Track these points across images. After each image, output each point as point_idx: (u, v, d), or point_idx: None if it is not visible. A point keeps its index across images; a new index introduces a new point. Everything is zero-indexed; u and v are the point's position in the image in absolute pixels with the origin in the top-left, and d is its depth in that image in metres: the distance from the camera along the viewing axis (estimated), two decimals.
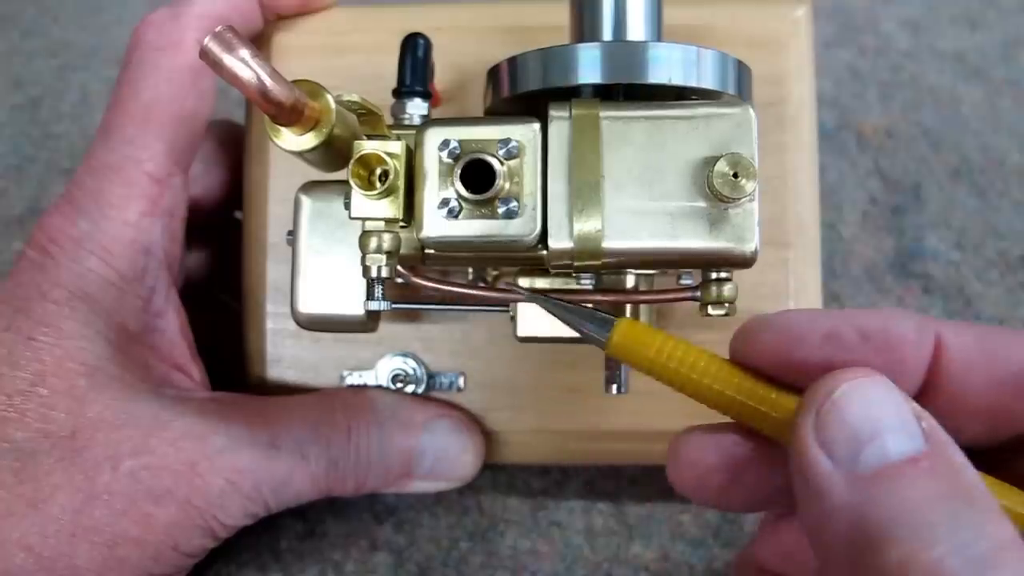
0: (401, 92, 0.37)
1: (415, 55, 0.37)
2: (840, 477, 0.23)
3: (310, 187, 0.37)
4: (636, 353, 0.29)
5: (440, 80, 0.40)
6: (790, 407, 0.27)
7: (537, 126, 0.31)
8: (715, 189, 0.29)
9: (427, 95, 0.37)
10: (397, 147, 0.31)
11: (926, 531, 0.22)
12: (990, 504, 0.23)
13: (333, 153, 0.30)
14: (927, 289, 0.49)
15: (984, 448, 0.28)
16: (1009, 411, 0.27)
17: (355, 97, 0.30)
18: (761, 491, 0.29)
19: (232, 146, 0.45)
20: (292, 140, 0.29)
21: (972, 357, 0.27)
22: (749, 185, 0.29)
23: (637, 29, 0.34)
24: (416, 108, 0.37)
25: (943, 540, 0.21)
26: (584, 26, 0.35)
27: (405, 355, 0.42)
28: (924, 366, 0.27)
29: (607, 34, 0.34)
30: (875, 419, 0.24)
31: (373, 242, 0.31)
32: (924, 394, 0.27)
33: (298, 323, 0.37)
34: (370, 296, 0.32)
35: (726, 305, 0.32)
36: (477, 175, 0.30)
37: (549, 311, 0.32)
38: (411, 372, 0.41)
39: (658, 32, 0.35)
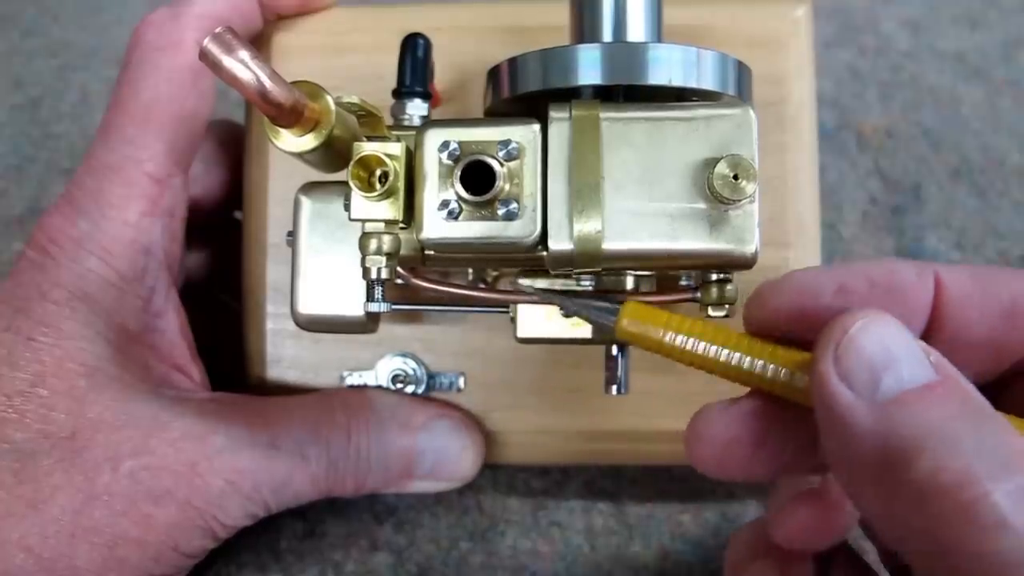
0: (401, 93, 0.37)
1: (415, 55, 0.37)
2: (863, 405, 0.25)
3: (310, 188, 0.37)
4: (646, 333, 0.30)
5: (440, 80, 0.40)
6: (807, 362, 0.28)
7: (537, 127, 0.31)
8: (715, 191, 0.29)
9: (427, 95, 0.37)
10: (397, 148, 0.31)
11: (951, 443, 0.23)
12: (1002, 420, 0.24)
13: (333, 154, 0.30)
14: None
15: (985, 382, 0.29)
16: (1005, 342, 0.29)
17: (355, 99, 0.30)
18: (785, 455, 0.30)
19: (232, 146, 0.45)
20: (292, 141, 0.29)
21: (968, 293, 0.28)
22: (749, 187, 0.29)
23: (637, 30, 0.34)
24: (416, 109, 0.37)
25: (968, 449, 0.23)
26: (584, 27, 0.35)
27: (405, 355, 0.42)
28: (927, 306, 0.28)
29: (607, 35, 0.34)
30: (889, 351, 0.25)
31: (373, 244, 0.31)
32: (929, 333, 0.29)
33: (298, 324, 0.37)
34: (370, 297, 0.32)
35: (726, 306, 0.32)
36: (477, 176, 0.30)
37: (557, 304, 0.32)
38: (411, 372, 0.41)
39: (658, 33, 0.35)
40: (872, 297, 0.28)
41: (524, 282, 0.35)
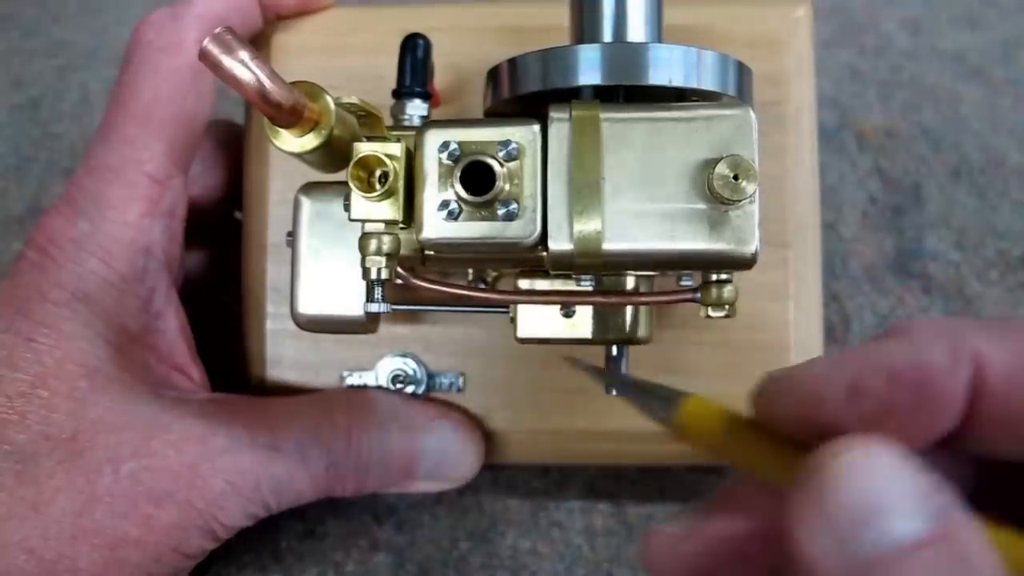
0: (401, 93, 0.37)
1: (415, 56, 0.37)
2: (834, 562, 0.21)
3: (310, 188, 0.37)
4: (701, 438, 0.26)
5: (440, 80, 0.40)
6: None
7: (537, 128, 0.31)
8: (715, 191, 0.29)
9: (427, 96, 0.37)
10: (397, 149, 0.31)
11: None
12: None
13: (333, 154, 0.30)
14: (927, 289, 0.49)
15: None
16: None
17: (354, 99, 0.30)
18: None
19: (232, 146, 0.45)
20: (291, 142, 0.29)
21: (1016, 373, 0.23)
22: (750, 187, 0.29)
23: (637, 30, 0.34)
24: (416, 109, 0.37)
25: None
26: (584, 27, 0.35)
27: (405, 356, 0.42)
28: (962, 400, 0.23)
29: (607, 35, 0.34)
30: (876, 496, 0.21)
31: (373, 244, 0.31)
32: (968, 420, 0.23)
33: (298, 324, 0.37)
34: (370, 298, 0.32)
35: (726, 307, 0.32)
36: (477, 177, 0.30)
37: (600, 382, 0.31)
38: (411, 373, 0.41)
39: (658, 33, 0.35)
40: (893, 398, 0.23)
41: (524, 283, 0.35)
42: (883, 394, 0.23)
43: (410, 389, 0.41)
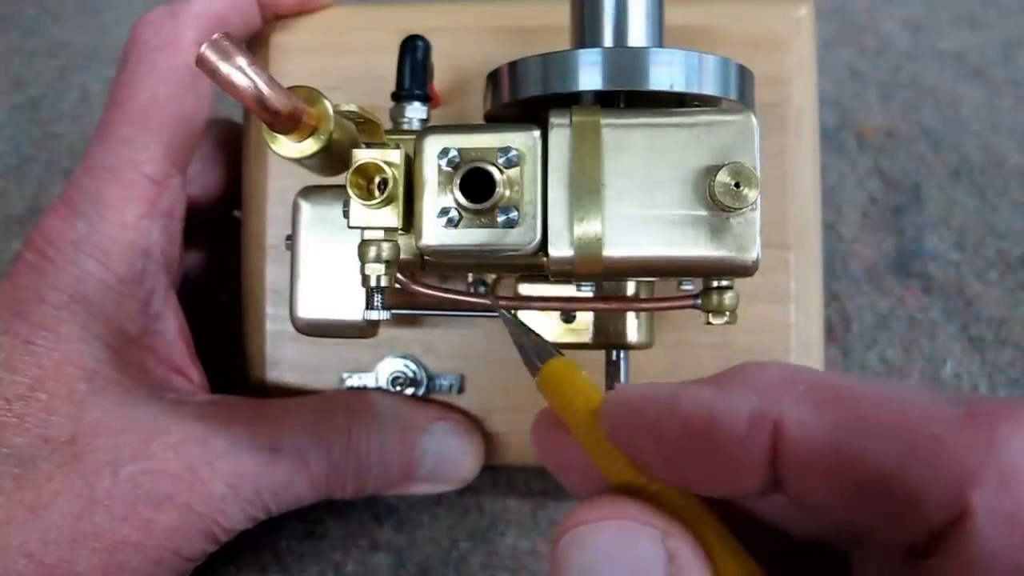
0: (400, 96, 0.37)
1: (414, 58, 0.37)
2: None
3: (309, 192, 0.37)
4: (549, 397, 0.28)
5: (439, 81, 0.40)
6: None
7: (537, 134, 0.31)
8: (717, 199, 0.29)
9: (426, 98, 0.37)
10: (396, 156, 0.31)
11: None
12: None
13: (332, 158, 0.30)
14: (927, 289, 0.49)
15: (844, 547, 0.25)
16: (853, 516, 0.22)
17: (353, 107, 0.30)
18: None
19: (230, 145, 0.44)
20: (290, 147, 0.29)
21: (817, 455, 0.21)
22: (751, 194, 0.29)
23: (638, 34, 0.34)
24: (415, 112, 0.37)
25: None
26: (585, 31, 0.35)
27: (405, 357, 0.41)
28: (763, 463, 0.22)
29: (608, 40, 0.34)
30: (596, 574, 0.21)
31: (372, 251, 0.31)
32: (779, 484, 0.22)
33: (297, 329, 0.37)
34: (369, 305, 0.32)
35: (727, 314, 0.32)
36: (477, 184, 0.30)
37: (505, 325, 0.31)
38: (411, 374, 0.41)
39: (659, 37, 0.35)
40: (687, 446, 0.22)
41: (523, 288, 0.35)
42: (676, 439, 0.22)
43: (410, 391, 0.41)
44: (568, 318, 0.36)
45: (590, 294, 0.34)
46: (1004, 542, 0.18)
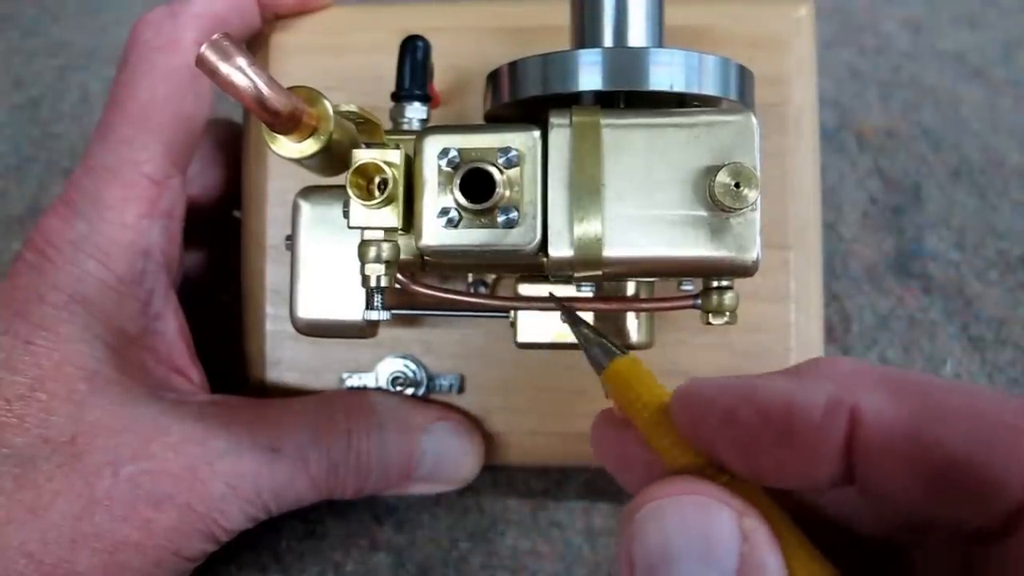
0: (400, 96, 0.37)
1: (414, 58, 0.37)
2: None
3: (309, 192, 0.37)
4: (617, 396, 0.28)
5: (439, 81, 0.40)
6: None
7: (537, 134, 0.31)
8: (717, 199, 0.29)
9: (426, 99, 0.37)
10: (396, 156, 0.31)
11: None
12: None
13: (332, 158, 0.30)
14: (927, 289, 0.49)
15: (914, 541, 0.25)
16: (927, 507, 0.22)
17: (353, 107, 0.30)
18: None
19: (230, 145, 0.44)
20: (290, 147, 0.29)
21: (893, 443, 0.21)
22: (751, 195, 0.29)
23: (638, 35, 0.34)
24: (415, 112, 0.37)
25: None
26: (585, 32, 0.35)
27: (405, 357, 0.41)
28: (838, 451, 0.22)
29: (608, 40, 0.34)
30: (671, 545, 0.21)
31: (372, 251, 0.31)
32: (853, 470, 0.23)
33: (297, 329, 0.37)
34: (369, 305, 0.32)
35: (727, 314, 0.32)
36: (477, 184, 0.30)
37: (565, 322, 0.31)
38: (411, 374, 0.41)
39: (659, 37, 0.35)
40: (763, 436, 0.23)
41: (524, 289, 0.35)
42: (754, 429, 0.23)
43: (410, 391, 0.41)
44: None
45: (590, 294, 0.34)
46: None
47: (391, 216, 0.31)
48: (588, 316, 0.36)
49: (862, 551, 0.26)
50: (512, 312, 0.37)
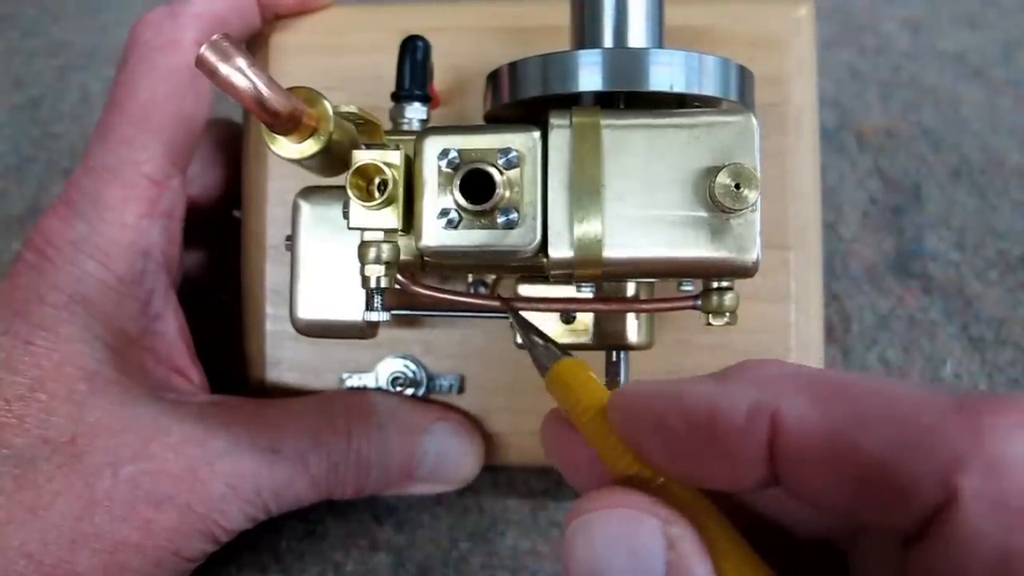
0: (400, 96, 0.37)
1: (414, 58, 0.37)
2: None
3: (309, 192, 0.37)
4: (557, 396, 0.28)
5: (439, 81, 0.40)
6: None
7: (537, 135, 0.31)
8: (717, 200, 0.29)
9: (426, 99, 0.37)
10: (396, 157, 0.31)
11: None
12: None
13: (332, 159, 0.30)
14: (927, 289, 0.49)
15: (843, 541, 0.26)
16: (852, 510, 0.22)
17: (353, 108, 0.30)
18: None
19: (230, 145, 0.44)
20: (290, 148, 0.29)
21: (813, 448, 0.21)
22: (752, 195, 0.29)
23: (638, 35, 0.34)
24: (415, 112, 0.37)
25: None
26: (585, 32, 0.35)
27: (405, 358, 0.41)
28: (761, 457, 0.22)
29: (608, 40, 0.34)
30: (599, 559, 0.22)
31: (372, 252, 0.31)
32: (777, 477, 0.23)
33: (297, 329, 0.37)
34: (369, 306, 0.32)
35: (727, 315, 0.32)
36: (477, 185, 0.30)
37: (513, 324, 0.31)
38: (411, 375, 0.41)
39: (659, 38, 0.35)
40: (690, 440, 0.23)
41: (523, 289, 0.35)
42: (681, 434, 0.23)
43: (410, 391, 0.41)
44: (568, 319, 0.36)
45: (590, 295, 0.34)
46: (989, 524, 0.19)
47: (391, 217, 0.31)
48: (587, 316, 0.36)
49: (801, 552, 0.26)
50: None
